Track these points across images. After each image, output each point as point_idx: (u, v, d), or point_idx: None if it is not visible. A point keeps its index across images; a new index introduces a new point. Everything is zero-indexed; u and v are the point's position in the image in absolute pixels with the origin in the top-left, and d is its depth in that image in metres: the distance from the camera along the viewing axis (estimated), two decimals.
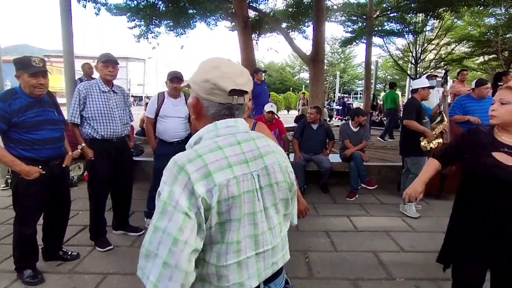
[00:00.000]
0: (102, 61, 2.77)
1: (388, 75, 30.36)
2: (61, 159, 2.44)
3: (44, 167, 2.26)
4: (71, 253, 2.68)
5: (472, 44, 13.71)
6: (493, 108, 1.46)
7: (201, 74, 0.90)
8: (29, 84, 2.17)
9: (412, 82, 4.11)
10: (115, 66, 2.83)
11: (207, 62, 0.93)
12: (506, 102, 1.39)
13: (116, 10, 8.15)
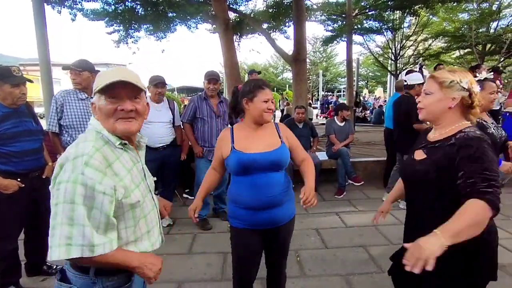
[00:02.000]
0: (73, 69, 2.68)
1: (369, 72, 30.98)
2: (40, 170, 2.35)
3: (23, 179, 2.18)
4: (56, 267, 2.58)
5: (448, 39, 14.15)
6: (419, 100, 1.35)
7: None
8: (12, 95, 2.11)
9: (406, 76, 3.95)
10: (78, 73, 2.70)
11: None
12: (429, 92, 1.29)
13: (93, 15, 7.93)
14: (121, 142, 1.06)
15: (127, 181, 1.03)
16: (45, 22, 5.29)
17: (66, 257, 0.91)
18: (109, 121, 1.04)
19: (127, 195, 1.02)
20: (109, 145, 1.04)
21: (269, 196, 1.62)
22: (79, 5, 7.57)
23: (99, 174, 0.94)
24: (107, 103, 1.03)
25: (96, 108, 1.06)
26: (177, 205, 4.14)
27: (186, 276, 2.53)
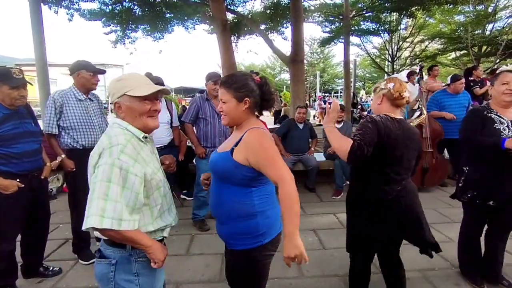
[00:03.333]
0: (89, 70, 2.67)
1: (366, 73, 31.11)
2: (39, 171, 2.35)
3: (22, 180, 2.17)
4: (52, 268, 2.57)
5: (444, 41, 14.27)
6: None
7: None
8: (10, 96, 2.10)
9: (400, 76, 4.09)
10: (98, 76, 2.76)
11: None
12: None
13: (90, 15, 7.92)
14: (144, 135, 1.27)
15: (152, 166, 1.25)
16: (41, 22, 5.28)
17: (98, 226, 1.05)
18: (141, 118, 1.25)
19: (153, 177, 1.22)
20: (135, 138, 1.23)
21: (213, 208, 1.47)
22: (76, 5, 7.56)
23: (131, 160, 1.14)
24: (143, 104, 1.24)
25: (122, 108, 1.24)
26: (175, 206, 4.13)
27: (184, 278, 2.53)
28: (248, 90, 1.37)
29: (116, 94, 1.24)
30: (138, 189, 1.14)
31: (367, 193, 1.82)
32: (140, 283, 1.22)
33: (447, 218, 3.60)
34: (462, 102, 4.55)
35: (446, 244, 3.00)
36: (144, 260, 1.23)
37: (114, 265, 1.21)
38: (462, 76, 4.71)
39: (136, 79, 1.27)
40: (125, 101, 1.23)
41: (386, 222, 1.80)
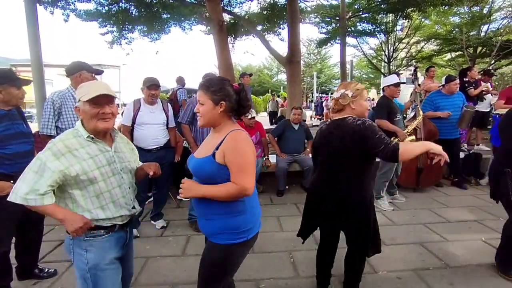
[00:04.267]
0: (92, 71, 2.68)
1: (363, 74, 31.23)
2: None
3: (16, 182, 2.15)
4: (47, 270, 2.56)
5: (439, 42, 14.35)
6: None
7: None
8: (17, 97, 2.14)
9: (382, 79, 4.21)
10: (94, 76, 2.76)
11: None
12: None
13: (86, 16, 7.90)
14: (88, 135, 1.44)
15: (86, 164, 1.41)
16: (37, 23, 5.26)
17: (12, 200, 1.34)
18: (92, 121, 1.43)
19: (84, 173, 1.39)
20: (78, 138, 1.44)
21: (199, 208, 1.55)
22: (72, 6, 7.54)
23: (53, 157, 1.35)
24: (91, 108, 1.41)
25: (80, 111, 1.44)
26: (171, 207, 4.13)
27: (180, 278, 2.53)
28: (225, 94, 1.45)
29: (78, 99, 1.45)
30: (48, 179, 1.34)
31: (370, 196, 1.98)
32: (87, 258, 1.47)
33: (442, 218, 3.62)
34: (457, 103, 4.59)
35: (441, 244, 3.03)
36: (91, 239, 1.48)
37: (72, 239, 1.48)
38: (456, 77, 4.76)
39: (92, 86, 1.45)
40: (81, 106, 1.44)
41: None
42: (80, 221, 1.40)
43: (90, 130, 1.45)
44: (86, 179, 1.40)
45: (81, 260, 1.48)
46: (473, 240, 3.07)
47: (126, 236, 1.64)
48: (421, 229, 3.33)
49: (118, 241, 1.57)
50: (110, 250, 1.53)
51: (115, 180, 1.53)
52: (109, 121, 1.46)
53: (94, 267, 1.47)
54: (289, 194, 4.68)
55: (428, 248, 2.93)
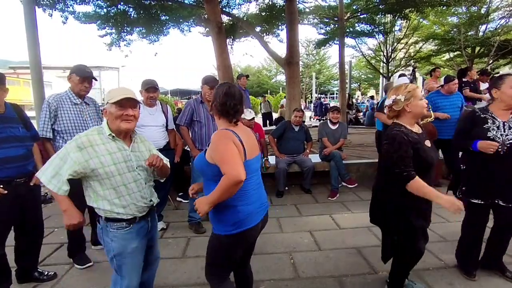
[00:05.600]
0: (79, 75, 2.65)
1: (362, 74, 31.28)
2: (27, 177, 2.27)
3: (6, 186, 2.12)
4: (47, 273, 2.56)
5: (438, 42, 14.39)
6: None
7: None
8: (4, 98, 2.18)
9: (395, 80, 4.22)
10: (91, 81, 2.74)
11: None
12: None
13: (85, 18, 7.88)
14: (110, 133, 1.62)
15: (105, 159, 1.58)
16: (36, 25, 5.25)
17: (39, 177, 1.58)
18: (116, 121, 1.61)
19: (101, 166, 1.57)
20: (101, 135, 1.63)
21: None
22: (71, 8, 7.51)
23: (76, 148, 1.54)
24: (116, 110, 1.60)
25: (107, 113, 1.62)
26: (170, 209, 4.13)
27: (180, 281, 2.53)
28: (213, 97, 1.64)
29: (105, 102, 1.65)
30: (68, 167, 1.53)
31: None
32: (112, 246, 1.66)
33: (442, 218, 3.62)
34: (456, 103, 4.60)
35: (441, 244, 3.03)
36: (115, 231, 1.65)
37: (101, 229, 1.69)
38: (455, 77, 4.77)
39: (120, 91, 1.64)
40: (107, 107, 1.62)
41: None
42: (76, 219, 1.63)
43: (113, 130, 1.63)
44: (103, 172, 1.57)
45: (108, 248, 1.69)
46: None
47: (148, 225, 1.80)
48: None
49: (139, 232, 1.73)
50: (132, 241, 1.69)
51: (131, 176, 1.67)
52: (131, 122, 1.64)
53: (118, 255, 1.67)
54: (289, 195, 4.68)
55: (428, 248, 2.93)
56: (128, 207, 1.66)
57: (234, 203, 1.57)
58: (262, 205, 1.70)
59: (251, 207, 1.62)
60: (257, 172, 1.70)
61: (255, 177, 1.67)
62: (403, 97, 1.88)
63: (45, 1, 6.84)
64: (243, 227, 1.59)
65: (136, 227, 1.70)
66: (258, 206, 1.67)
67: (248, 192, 1.61)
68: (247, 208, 1.61)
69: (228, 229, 1.59)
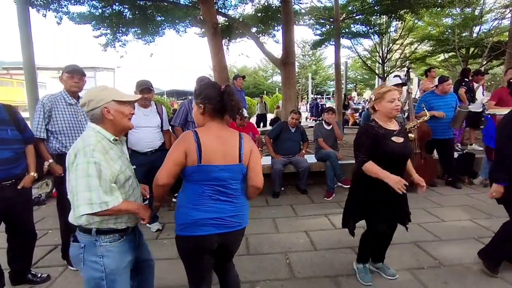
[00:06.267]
0: (67, 71, 2.65)
1: (358, 75, 31.41)
2: (14, 180, 2.23)
3: None
4: (41, 275, 2.53)
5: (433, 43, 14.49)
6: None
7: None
8: None
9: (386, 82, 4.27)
10: (81, 77, 2.72)
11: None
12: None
13: (79, 18, 7.82)
14: (114, 138, 1.53)
15: (119, 164, 1.50)
16: (29, 25, 5.21)
17: (90, 212, 1.34)
18: (125, 120, 1.55)
19: (121, 172, 1.49)
20: (105, 140, 1.49)
21: None
22: (65, 9, 7.46)
23: (102, 156, 1.40)
24: (128, 108, 1.55)
25: (111, 111, 1.50)
26: (166, 210, 4.11)
27: (176, 282, 2.51)
28: (205, 97, 1.56)
29: (104, 100, 1.49)
30: (109, 177, 1.40)
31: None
32: (104, 264, 1.47)
33: (437, 218, 3.65)
34: (450, 103, 4.65)
35: (435, 243, 3.05)
36: (108, 244, 1.49)
37: (83, 248, 1.48)
38: (449, 77, 4.82)
39: (115, 89, 1.60)
40: (113, 106, 1.50)
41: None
42: (148, 210, 1.58)
43: (116, 131, 1.55)
44: (123, 178, 1.50)
45: (95, 268, 1.47)
46: (467, 239, 3.09)
47: (136, 238, 1.69)
48: (415, 229, 3.35)
49: (131, 244, 1.63)
50: (127, 253, 1.58)
51: (135, 180, 1.65)
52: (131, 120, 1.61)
53: (112, 272, 1.49)
54: (285, 195, 4.68)
55: (423, 248, 2.96)
56: (131, 217, 1.57)
57: (186, 204, 1.57)
58: (219, 220, 1.55)
59: (201, 214, 1.52)
60: (224, 183, 1.55)
61: (216, 187, 1.54)
62: (373, 97, 2.20)
63: (39, 1, 6.79)
64: (190, 232, 1.54)
65: (128, 238, 1.59)
66: (211, 218, 1.54)
67: (202, 199, 1.54)
68: (196, 213, 1.53)
69: (177, 229, 1.60)
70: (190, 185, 1.57)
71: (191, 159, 1.50)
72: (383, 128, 2.16)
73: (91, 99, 1.49)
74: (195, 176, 1.53)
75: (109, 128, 1.52)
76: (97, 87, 1.58)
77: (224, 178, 1.54)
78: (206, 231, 1.54)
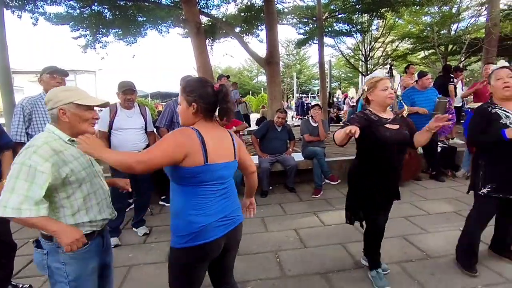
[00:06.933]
0: (47, 72, 2.56)
1: (342, 73, 31.85)
2: None
3: None
4: (22, 286, 2.43)
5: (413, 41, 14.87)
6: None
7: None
8: None
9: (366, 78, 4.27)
10: (63, 77, 2.64)
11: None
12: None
13: (56, 19, 7.58)
14: (69, 138, 1.47)
15: (73, 165, 1.42)
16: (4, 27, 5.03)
17: (1, 215, 1.23)
18: (84, 124, 1.48)
19: (73, 174, 1.40)
20: (58, 141, 1.43)
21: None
22: (41, 9, 7.21)
23: (42, 160, 1.30)
24: (87, 113, 1.48)
25: (67, 114, 1.44)
26: (153, 213, 4.03)
27: (164, 286, 2.44)
28: (197, 96, 1.43)
29: (62, 101, 1.43)
30: (43, 183, 1.29)
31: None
32: (67, 271, 1.41)
33: (422, 211, 3.72)
34: (431, 97, 4.75)
35: (422, 236, 3.11)
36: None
37: (46, 254, 1.42)
38: (428, 72, 4.95)
39: (81, 91, 1.51)
40: (70, 108, 1.44)
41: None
42: (76, 233, 1.32)
43: (73, 133, 1.47)
44: (75, 180, 1.41)
45: (59, 275, 1.42)
46: (452, 230, 3.16)
47: (103, 242, 1.61)
48: (402, 222, 3.41)
49: (96, 249, 1.54)
50: (91, 260, 1.50)
51: (97, 181, 1.55)
52: (95, 125, 1.55)
53: (75, 280, 1.43)
54: (273, 194, 4.67)
55: (410, 241, 3.00)
56: (94, 220, 1.49)
57: (188, 211, 1.41)
58: (225, 219, 1.48)
59: (209, 219, 1.42)
60: (224, 181, 1.50)
61: (219, 185, 1.47)
62: (366, 87, 2.22)
63: (14, 2, 6.55)
64: (198, 241, 1.40)
65: (94, 243, 1.51)
66: (219, 219, 1.46)
67: (207, 201, 1.43)
68: (203, 219, 1.41)
69: (180, 241, 1.41)
70: (190, 189, 1.41)
71: (192, 160, 1.35)
72: (377, 116, 2.15)
73: (50, 98, 1.45)
74: (201, 177, 1.39)
75: (65, 129, 1.46)
76: (60, 87, 1.54)
77: (225, 175, 1.50)
78: (214, 236, 1.43)
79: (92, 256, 1.51)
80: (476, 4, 11.69)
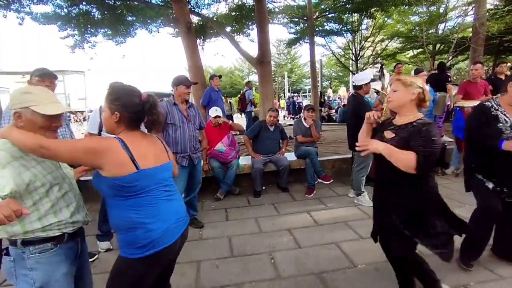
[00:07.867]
0: (37, 75, 2.51)
1: (332, 72, 32.07)
2: None
3: None
4: None
5: (402, 40, 15.10)
6: (388, 95, 1.90)
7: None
8: None
9: (353, 77, 4.26)
10: (52, 80, 2.59)
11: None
12: (396, 90, 1.83)
13: (43, 19, 7.43)
14: None
15: (36, 170, 1.34)
16: None
17: None
18: (40, 131, 1.34)
19: (37, 179, 1.32)
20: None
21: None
22: (27, 9, 7.06)
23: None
24: (45, 120, 1.35)
25: (22, 118, 1.33)
26: None
27: None
28: (121, 105, 1.40)
29: (19, 104, 1.32)
30: (6, 184, 1.20)
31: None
32: (33, 277, 1.34)
33: None
34: None
35: None
36: (37, 255, 1.35)
37: (13, 261, 1.35)
38: (423, 69, 5.04)
39: (43, 95, 1.38)
40: (27, 113, 1.33)
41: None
42: (5, 209, 1.05)
43: None
44: (40, 185, 1.33)
45: (27, 282, 1.35)
46: None
47: (77, 247, 1.53)
48: None
49: (68, 254, 1.45)
50: (61, 265, 1.41)
51: (67, 185, 1.48)
52: (56, 132, 1.44)
53: (42, 286, 1.36)
54: (266, 194, 4.66)
55: None
56: (64, 221, 1.41)
57: (143, 220, 1.37)
58: (179, 220, 1.49)
59: (166, 223, 1.42)
60: (166, 183, 1.49)
61: (162, 189, 1.46)
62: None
63: None
64: (157, 247, 1.38)
65: (64, 247, 1.42)
66: (174, 222, 1.46)
67: (157, 206, 1.41)
68: (161, 224, 1.40)
69: (137, 252, 1.36)
70: (136, 200, 1.37)
71: (119, 169, 1.32)
72: (386, 120, 2.07)
73: (11, 98, 1.36)
74: (140, 183, 1.36)
75: None
76: (24, 87, 1.43)
77: (165, 177, 1.50)
78: (172, 239, 1.45)
79: (61, 261, 1.41)
80: (463, 4, 11.91)
